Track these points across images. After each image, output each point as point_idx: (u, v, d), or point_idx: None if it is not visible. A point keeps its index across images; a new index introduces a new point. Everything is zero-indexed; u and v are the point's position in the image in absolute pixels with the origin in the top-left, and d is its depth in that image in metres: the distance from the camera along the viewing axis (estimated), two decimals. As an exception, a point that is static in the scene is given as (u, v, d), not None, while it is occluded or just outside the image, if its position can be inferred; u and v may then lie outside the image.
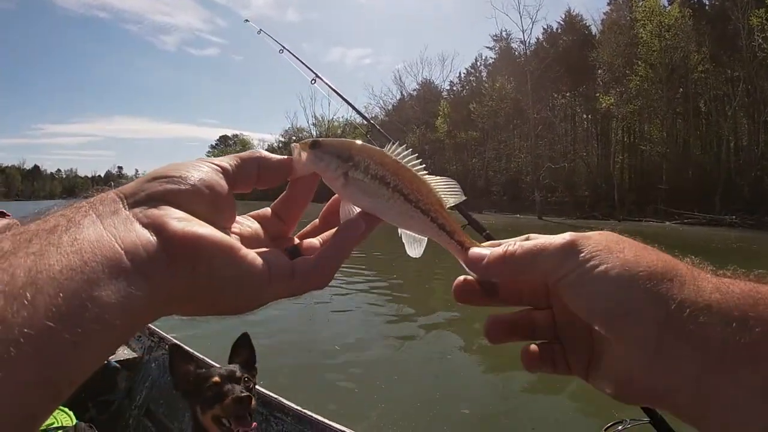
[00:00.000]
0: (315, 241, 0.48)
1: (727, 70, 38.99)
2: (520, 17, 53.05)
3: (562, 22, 52.39)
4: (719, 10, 38.37)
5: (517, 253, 0.44)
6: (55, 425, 2.25)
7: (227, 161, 0.42)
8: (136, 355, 3.40)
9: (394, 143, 0.48)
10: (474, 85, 62.48)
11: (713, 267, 0.40)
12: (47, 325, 0.26)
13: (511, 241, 0.47)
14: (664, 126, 40.43)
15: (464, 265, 0.49)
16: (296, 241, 0.49)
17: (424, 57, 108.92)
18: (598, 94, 43.84)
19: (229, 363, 1.89)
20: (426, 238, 0.50)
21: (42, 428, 2.26)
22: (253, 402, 1.73)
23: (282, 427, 2.39)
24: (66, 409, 2.36)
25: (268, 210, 0.49)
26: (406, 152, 0.48)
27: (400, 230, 0.50)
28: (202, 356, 2.71)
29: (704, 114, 41.53)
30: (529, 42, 50.70)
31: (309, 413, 2.36)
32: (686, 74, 39.27)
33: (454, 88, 68.18)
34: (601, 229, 0.44)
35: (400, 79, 74.15)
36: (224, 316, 0.40)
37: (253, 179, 0.44)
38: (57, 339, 0.26)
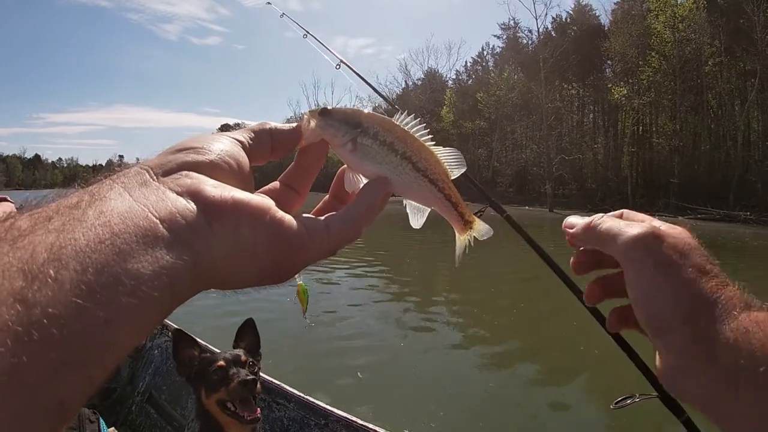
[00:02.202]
0: None
1: (739, 63, 38.62)
2: (533, 3, 52.55)
3: (571, 12, 52.03)
4: (732, 3, 37.82)
5: (600, 227, 0.51)
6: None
7: (241, 135, 0.41)
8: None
9: (402, 113, 0.48)
10: (480, 74, 62.12)
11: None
12: (75, 303, 0.24)
13: (600, 215, 0.54)
14: (677, 119, 40.09)
15: (458, 234, 0.53)
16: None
17: (430, 45, 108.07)
18: (610, 86, 43.45)
19: (234, 348, 1.89)
20: (429, 209, 0.50)
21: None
22: (258, 386, 1.73)
23: (284, 413, 2.40)
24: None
25: (276, 183, 0.47)
26: (414, 122, 0.48)
27: (404, 200, 0.50)
28: (205, 343, 2.72)
29: (716, 108, 41.16)
30: (543, 28, 50.27)
31: (311, 399, 2.36)
32: (698, 67, 38.92)
33: (460, 78, 67.91)
34: None
35: (405, 67, 73.89)
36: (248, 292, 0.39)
37: (267, 150, 0.43)
38: (86, 318, 0.24)
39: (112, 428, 3.01)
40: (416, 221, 0.51)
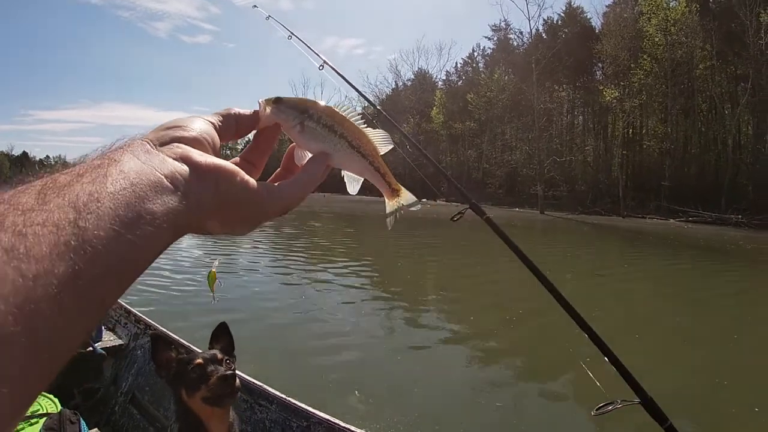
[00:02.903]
0: None
1: (731, 67, 38.97)
2: (527, 4, 52.83)
3: (562, 14, 52.36)
4: (725, 8, 38.11)
5: None
6: (40, 411, 2.21)
7: (213, 117, 0.52)
8: (122, 342, 3.36)
9: (341, 102, 0.59)
10: (471, 75, 62.30)
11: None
12: (112, 229, 0.33)
13: None
14: (668, 122, 40.42)
15: (386, 200, 0.62)
16: None
17: (421, 46, 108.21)
18: (602, 88, 43.70)
19: (209, 350, 1.87)
20: (362, 179, 0.61)
21: (26, 414, 2.22)
22: (237, 381, 1.72)
23: (266, 414, 2.36)
24: (51, 396, 2.30)
25: (237, 159, 0.57)
26: (350, 109, 0.59)
27: (342, 171, 0.61)
28: (187, 343, 2.69)
29: (707, 111, 41.51)
30: (535, 30, 50.53)
31: (293, 401, 2.33)
32: (689, 70, 39.25)
33: (451, 78, 68.09)
34: (606, 225, 0.48)
35: (396, 67, 74.13)
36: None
37: (233, 131, 0.53)
38: (120, 240, 0.33)
39: (95, 429, 2.96)
40: (352, 188, 0.62)
